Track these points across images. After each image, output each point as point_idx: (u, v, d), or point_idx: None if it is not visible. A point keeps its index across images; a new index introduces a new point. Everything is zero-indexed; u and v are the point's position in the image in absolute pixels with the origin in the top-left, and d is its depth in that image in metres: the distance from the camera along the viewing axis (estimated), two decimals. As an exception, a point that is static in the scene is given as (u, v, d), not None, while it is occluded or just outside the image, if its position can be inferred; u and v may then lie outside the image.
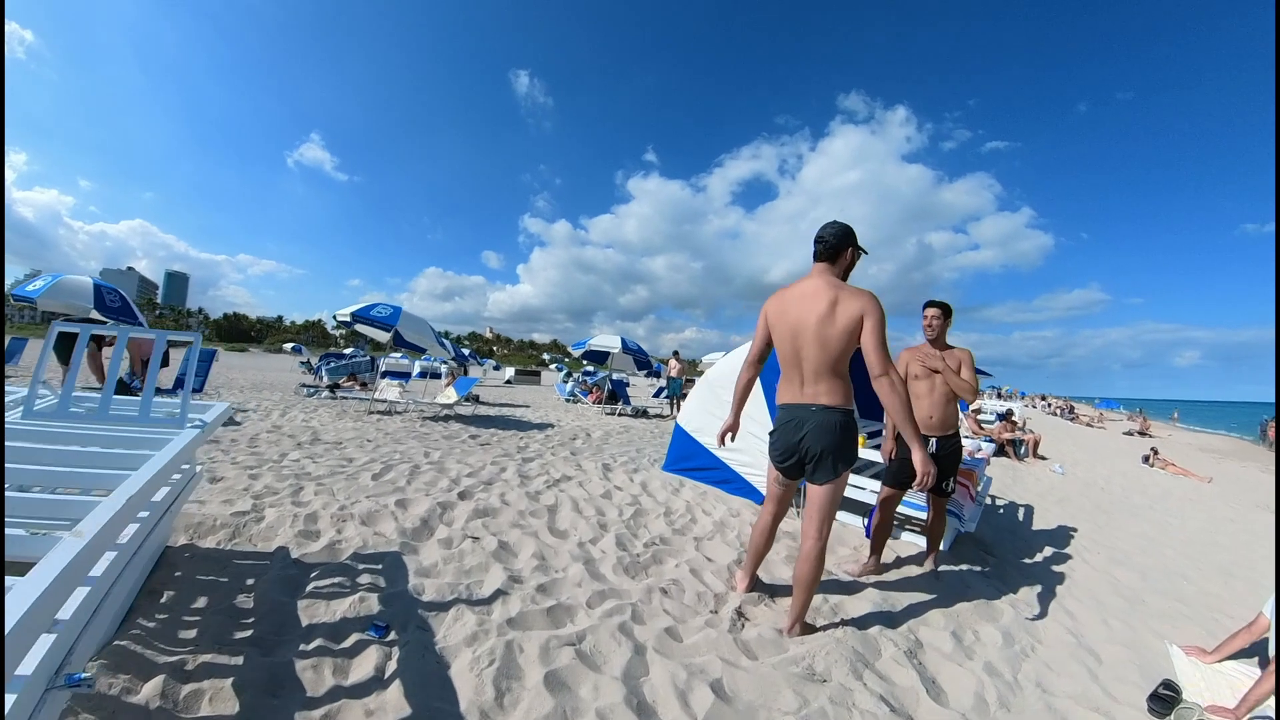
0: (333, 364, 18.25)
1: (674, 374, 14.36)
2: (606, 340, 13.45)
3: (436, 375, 20.48)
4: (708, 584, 3.21)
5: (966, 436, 11.49)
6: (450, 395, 10.47)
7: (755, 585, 3.14)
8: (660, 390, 22.83)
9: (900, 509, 4.25)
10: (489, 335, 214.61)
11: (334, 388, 14.22)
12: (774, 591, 3.18)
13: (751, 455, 5.20)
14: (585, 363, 18.96)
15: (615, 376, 15.10)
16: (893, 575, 3.72)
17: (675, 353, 14.93)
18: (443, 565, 3.05)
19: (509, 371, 34.57)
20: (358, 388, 12.97)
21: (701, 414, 5.75)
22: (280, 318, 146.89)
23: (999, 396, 32.49)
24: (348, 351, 21.04)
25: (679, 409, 14.01)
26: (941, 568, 3.89)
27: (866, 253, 2.77)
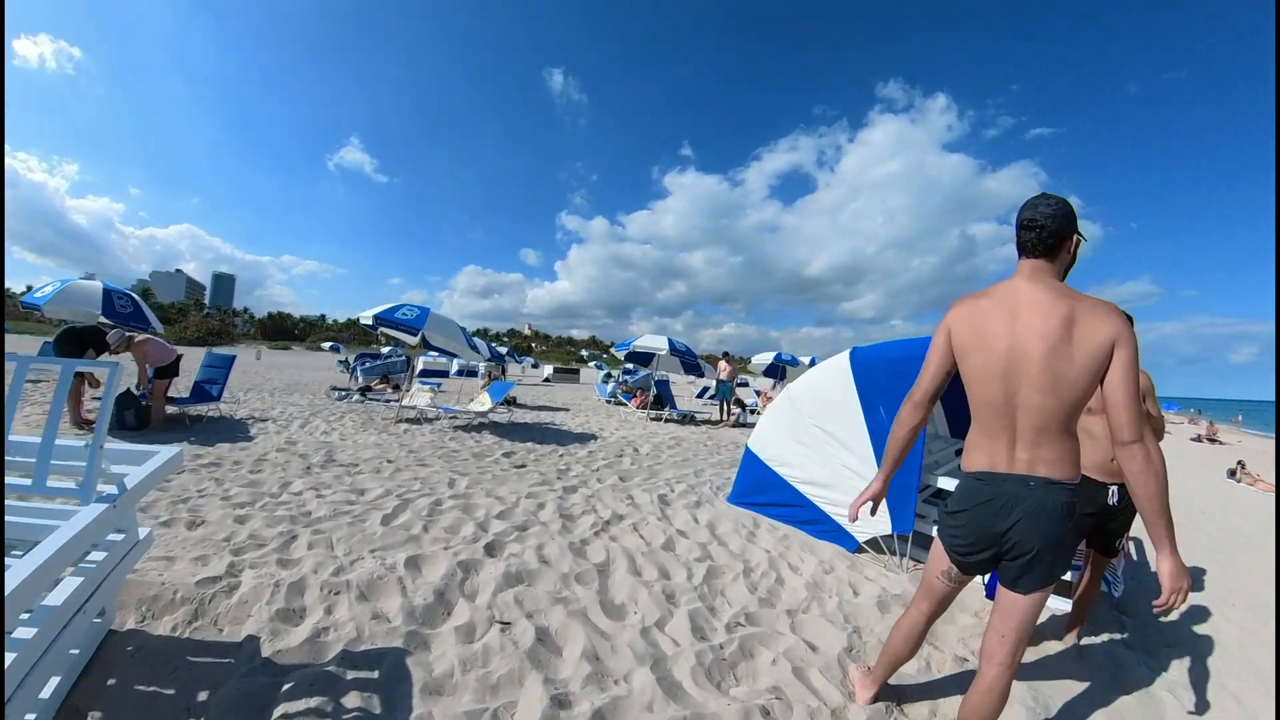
0: (367, 364, 17.91)
1: (724, 376, 13.42)
2: (652, 341, 12.56)
3: (474, 373, 19.99)
4: (818, 690, 2.37)
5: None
6: (484, 402, 9.79)
7: (881, 693, 2.30)
8: (704, 391, 21.99)
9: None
10: (527, 332, 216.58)
11: (365, 390, 13.78)
12: (902, 696, 2.39)
13: (843, 491, 4.30)
14: (625, 361, 18.19)
15: (659, 378, 14.26)
16: (1029, 653, 2.91)
17: (725, 353, 13.95)
18: (460, 674, 2.25)
19: (547, 369, 33.95)
20: (390, 390, 12.46)
21: (781, 439, 4.85)
22: (323, 316, 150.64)
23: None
24: (385, 350, 20.71)
25: (729, 414, 13.12)
26: (1083, 640, 3.12)
27: (1085, 239, 1.84)
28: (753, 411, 15.82)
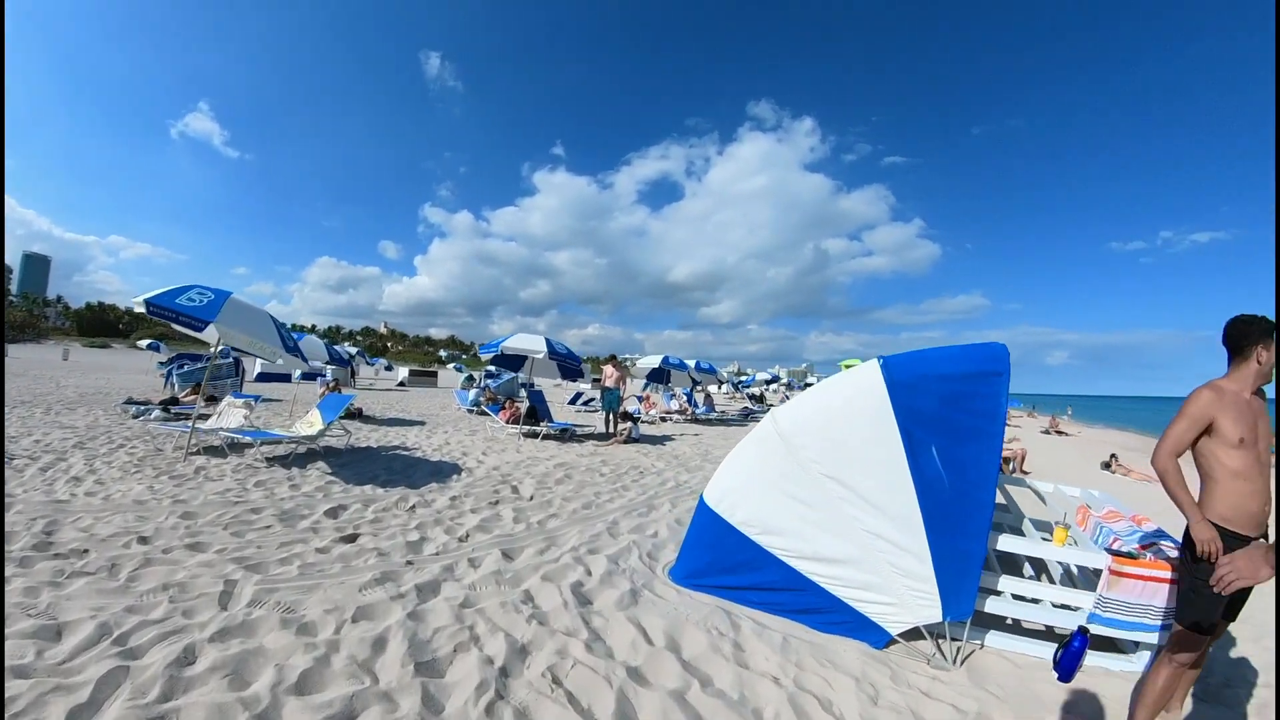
0: (184, 367, 14.25)
1: (610, 383, 11.88)
2: (526, 342, 10.65)
3: (319, 376, 16.85)
4: None
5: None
6: (314, 422, 7.46)
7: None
8: (577, 397, 20.28)
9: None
10: (384, 330, 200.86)
11: (169, 404, 10.60)
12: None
13: (871, 569, 2.95)
14: (488, 364, 16.12)
15: (531, 386, 12.44)
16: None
17: (613, 356, 12.43)
18: None
19: (402, 372, 31.03)
20: (202, 403, 9.42)
21: (763, 496, 3.39)
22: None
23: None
24: (217, 350, 16.77)
25: (616, 427, 11.63)
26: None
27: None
28: (640, 420, 14.47)
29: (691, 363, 17.32)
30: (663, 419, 16.13)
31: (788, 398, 29.91)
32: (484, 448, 8.83)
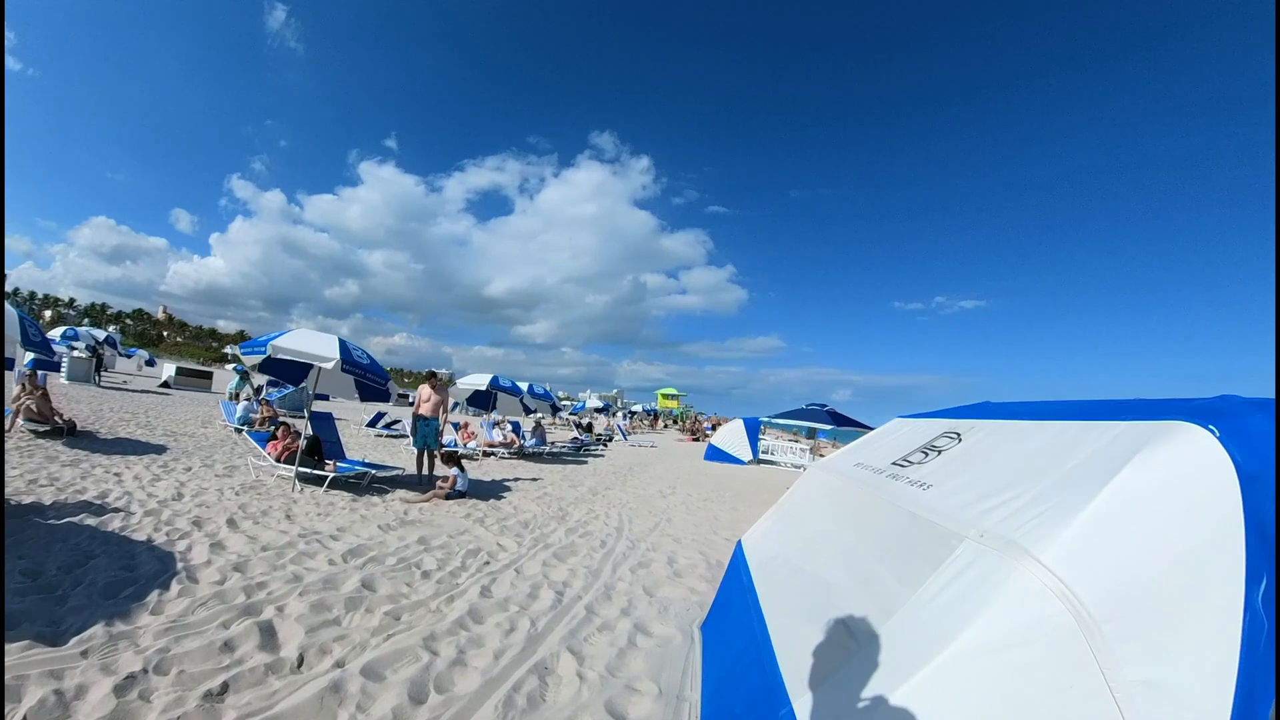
0: None
1: (426, 410, 9.08)
2: (309, 343, 7.46)
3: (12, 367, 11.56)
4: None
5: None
6: None
7: None
8: (377, 419, 16.61)
9: None
10: (161, 316, 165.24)
11: None
12: None
13: None
14: (259, 372, 12.45)
15: (317, 409, 9.23)
16: None
17: (432, 374, 9.58)
18: None
19: (168, 369, 25.43)
20: None
21: None
22: None
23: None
24: None
25: (433, 472, 8.83)
26: None
27: None
28: (463, 455, 11.66)
29: (524, 385, 14.87)
30: (485, 454, 13.44)
31: (621, 428, 28.46)
32: (236, 507, 5.75)
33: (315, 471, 7.57)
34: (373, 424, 16.57)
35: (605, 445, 21.98)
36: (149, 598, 3.47)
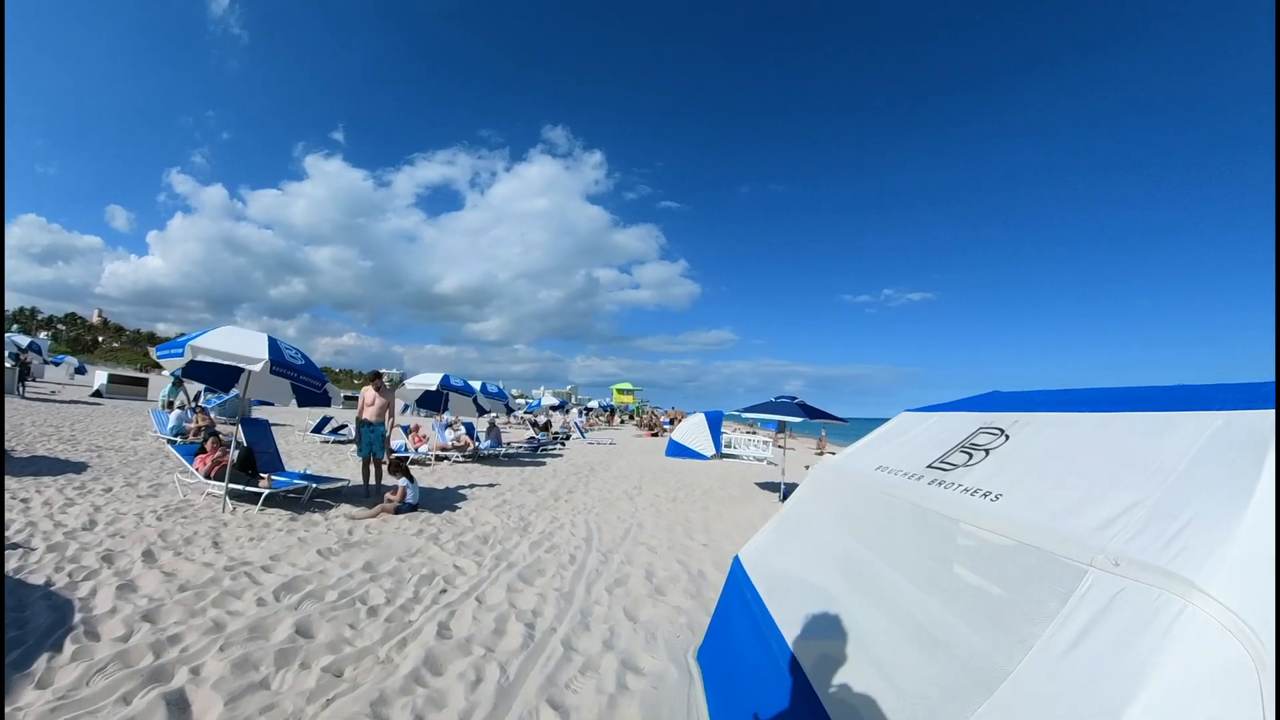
0: None
1: (371, 414, 8.40)
2: (234, 343, 6.62)
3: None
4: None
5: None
6: None
7: None
8: (322, 424, 15.57)
9: None
10: (96, 320, 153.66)
11: None
12: None
13: None
14: (186, 378, 11.57)
15: (253, 416, 8.45)
16: None
17: (377, 375, 8.88)
18: None
19: (100, 377, 24.22)
20: None
21: None
22: None
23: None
24: None
25: (380, 483, 8.17)
26: None
27: None
28: (415, 460, 10.96)
29: (477, 384, 14.21)
30: (438, 458, 12.74)
31: (578, 425, 27.87)
32: (155, 535, 5.08)
33: (248, 488, 6.85)
34: (318, 429, 15.61)
35: (563, 444, 21.42)
36: (35, 665, 2.84)
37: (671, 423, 36.29)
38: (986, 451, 2.51)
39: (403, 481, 7.12)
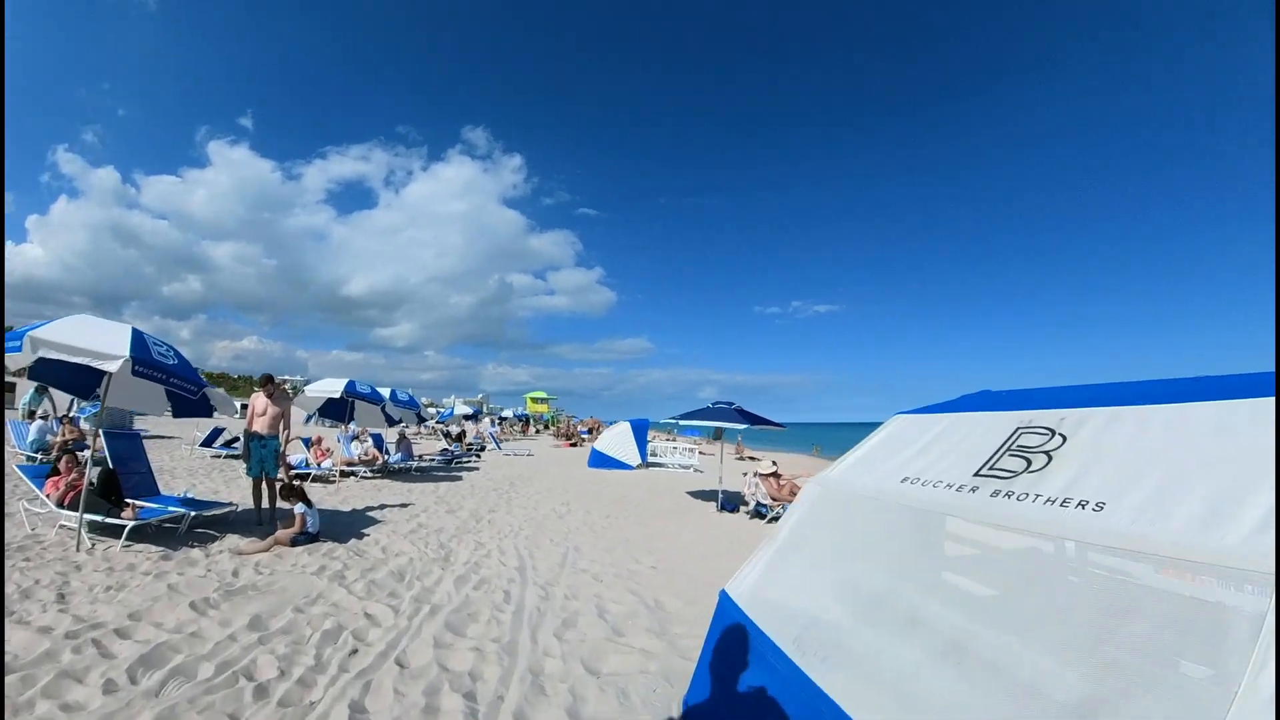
0: None
1: (263, 426, 7.25)
2: (85, 336, 5.29)
3: None
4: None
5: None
6: None
7: None
8: (213, 436, 13.64)
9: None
10: None
11: None
12: None
13: None
14: (31, 379, 10.08)
15: (114, 427, 7.08)
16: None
17: (268, 379, 7.66)
18: None
19: None
20: None
21: None
22: None
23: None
24: None
25: (275, 507, 7.02)
26: None
27: None
28: (318, 476, 9.71)
29: (386, 391, 13.00)
30: (343, 474, 11.46)
31: (493, 435, 26.56)
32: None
33: (110, 520, 5.61)
34: (208, 443, 13.79)
35: (478, 455, 20.22)
36: None
37: (590, 432, 35.51)
38: (1048, 455, 2.10)
39: (299, 508, 6.06)
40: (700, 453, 22.08)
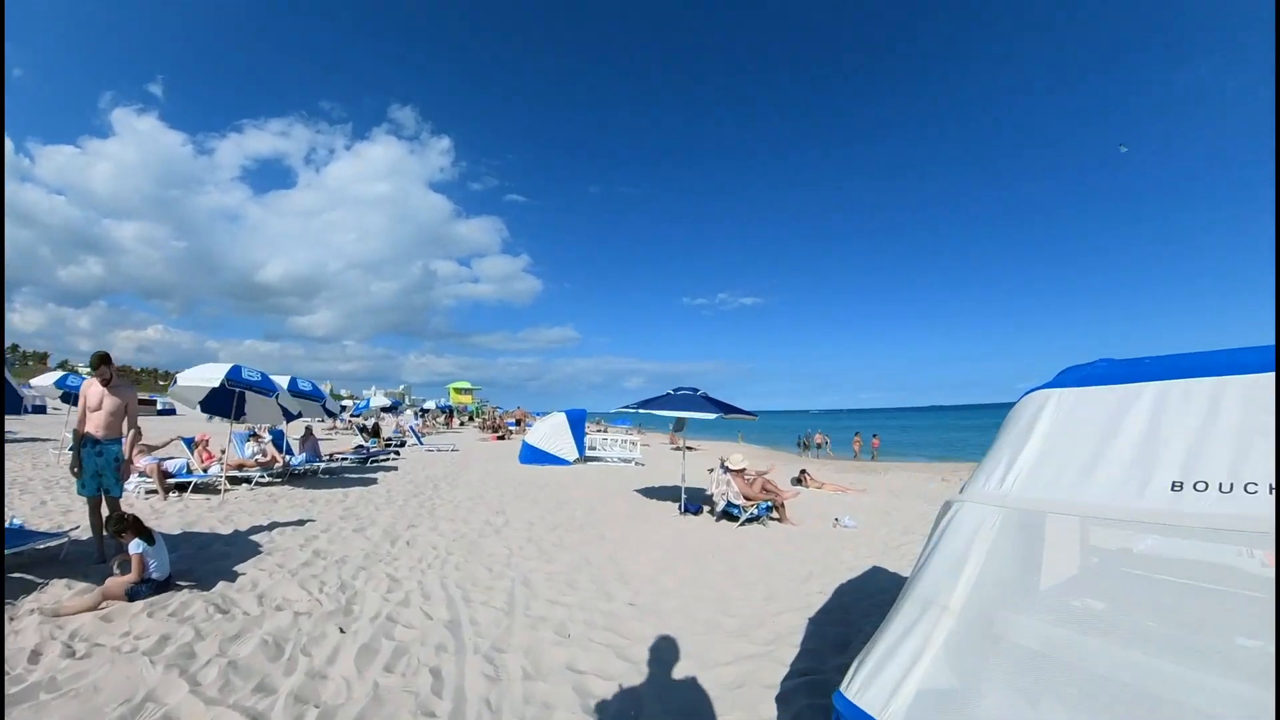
0: None
1: (96, 428, 5.42)
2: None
3: None
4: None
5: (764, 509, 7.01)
6: None
7: None
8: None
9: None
10: None
11: None
12: None
13: None
14: None
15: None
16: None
17: (103, 358, 5.71)
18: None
19: None
20: None
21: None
22: None
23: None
24: None
25: (116, 534, 5.22)
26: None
27: None
28: (174, 486, 7.79)
29: (283, 380, 10.98)
30: (234, 481, 9.49)
31: (414, 429, 24.42)
32: None
33: None
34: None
35: (397, 452, 18.23)
36: None
37: (518, 424, 33.73)
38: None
39: (135, 546, 4.33)
40: (674, 448, 20.94)
